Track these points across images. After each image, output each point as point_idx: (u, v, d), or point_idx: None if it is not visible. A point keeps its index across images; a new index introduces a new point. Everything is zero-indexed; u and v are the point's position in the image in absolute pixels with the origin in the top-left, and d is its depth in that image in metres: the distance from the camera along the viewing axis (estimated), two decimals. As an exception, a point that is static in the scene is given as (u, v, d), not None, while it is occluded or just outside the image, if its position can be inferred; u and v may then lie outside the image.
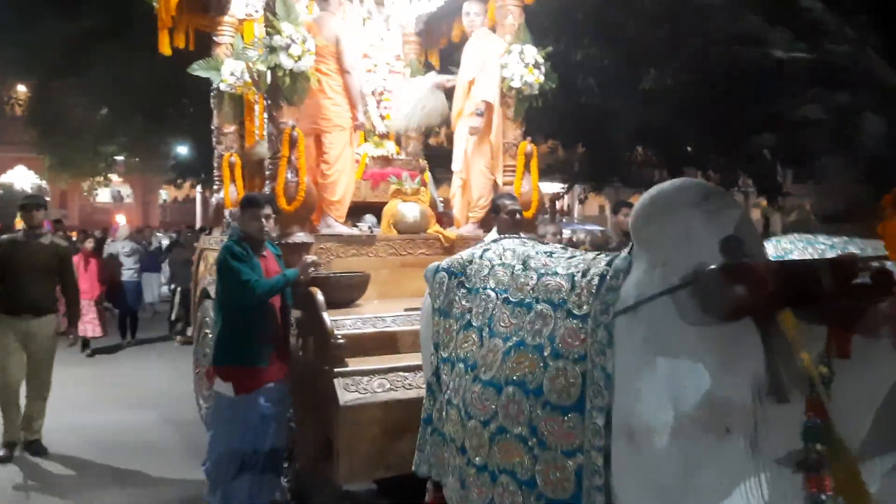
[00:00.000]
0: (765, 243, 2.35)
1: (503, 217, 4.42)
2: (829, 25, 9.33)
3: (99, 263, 10.39)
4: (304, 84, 5.01)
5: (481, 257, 3.02)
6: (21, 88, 23.04)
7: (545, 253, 2.77)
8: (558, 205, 27.68)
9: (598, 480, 2.26)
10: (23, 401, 5.76)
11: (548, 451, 2.33)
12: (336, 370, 3.87)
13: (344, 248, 5.24)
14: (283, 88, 4.95)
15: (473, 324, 2.84)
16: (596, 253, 2.62)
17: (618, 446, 2.20)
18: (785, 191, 16.28)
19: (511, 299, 2.69)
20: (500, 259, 2.90)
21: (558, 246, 2.97)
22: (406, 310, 4.58)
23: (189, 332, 11.08)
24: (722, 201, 2.07)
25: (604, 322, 2.23)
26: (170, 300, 11.79)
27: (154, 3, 6.79)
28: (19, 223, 6.24)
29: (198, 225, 21.04)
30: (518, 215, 4.53)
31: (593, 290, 2.33)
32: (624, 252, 2.36)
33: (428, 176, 6.84)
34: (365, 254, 5.30)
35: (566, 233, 14.93)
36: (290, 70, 4.91)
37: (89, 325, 9.93)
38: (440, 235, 5.51)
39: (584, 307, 2.34)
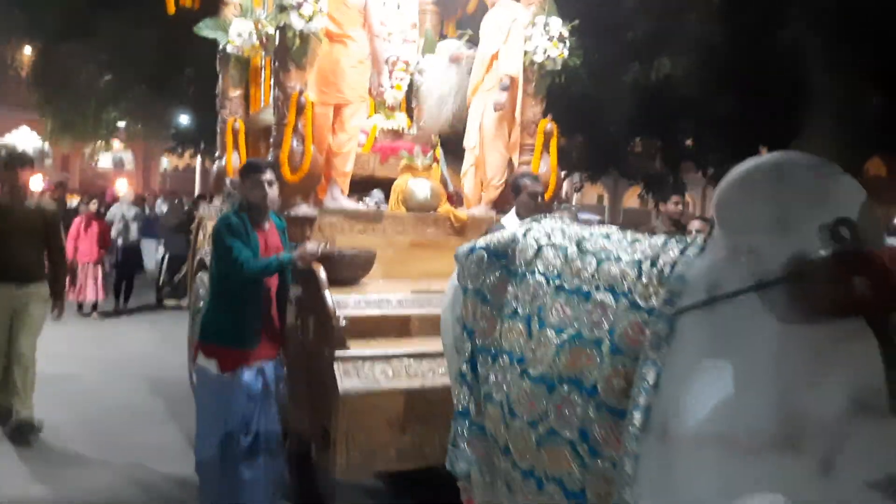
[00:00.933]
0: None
1: (524, 198, 4.12)
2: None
3: (101, 225, 10.19)
4: (314, 46, 4.70)
5: (525, 237, 2.70)
6: (26, 51, 22.80)
7: (602, 235, 2.47)
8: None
9: (629, 495, 1.99)
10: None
11: (599, 461, 2.07)
12: (336, 354, 3.60)
13: (350, 223, 4.95)
14: (292, 50, 4.64)
15: (520, 312, 2.54)
16: (665, 237, 2.31)
17: (647, 447, 1.94)
18: None
19: (565, 286, 2.39)
20: (549, 239, 2.60)
21: (613, 228, 2.65)
22: (413, 292, 4.30)
23: (174, 300, 11.06)
24: (832, 179, 1.77)
25: (666, 313, 1.95)
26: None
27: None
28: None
29: (196, 192, 21.16)
30: (540, 198, 4.23)
31: (662, 280, 2.06)
32: (698, 238, 2.07)
33: (440, 152, 6.54)
34: (371, 231, 5.02)
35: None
36: (300, 31, 4.59)
37: (91, 288, 9.89)
38: (451, 215, 5.22)
39: (652, 299, 2.06)
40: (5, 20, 17.30)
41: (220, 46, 6.32)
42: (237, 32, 6.13)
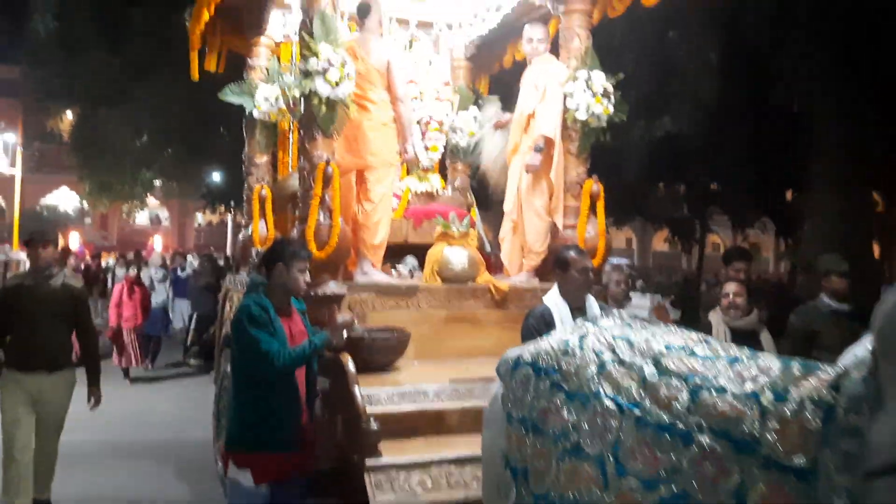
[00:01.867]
0: None
1: (573, 275, 3.68)
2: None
3: (143, 292, 10.04)
4: (341, 113, 4.41)
5: (581, 346, 2.22)
6: (68, 116, 23.65)
7: (682, 349, 1.98)
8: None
9: None
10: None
11: None
12: (368, 463, 3.19)
13: (381, 299, 4.58)
14: (318, 118, 4.35)
15: (586, 449, 2.04)
16: (780, 360, 1.78)
17: None
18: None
19: (648, 419, 1.89)
20: (613, 352, 2.12)
21: (694, 335, 2.13)
22: (452, 381, 3.89)
23: (201, 360, 10.83)
24: None
25: (845, 486, 1.45)
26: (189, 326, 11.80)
27: (187, 24, 6.33)
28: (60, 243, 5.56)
29: (228, 249, 21.62)
30: (591, 273, 3.80)
31: (811, 429, 1.55)
32: (857, 370, 1.55)
33: (476, 213, 6.20)
34: (405, 306, 4.64)
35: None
36: (327, 97, 4.31)
37: (130, 354, 9.77)
38: (491, 286, 4.82)
39: (800, 457, 1.54)
40: (49, 88, 18.17)
41: (247, 112, 6.10)
42: (263, 97, 5.93)
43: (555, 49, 5.24)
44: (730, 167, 13.01)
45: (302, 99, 4.47)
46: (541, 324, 3.62)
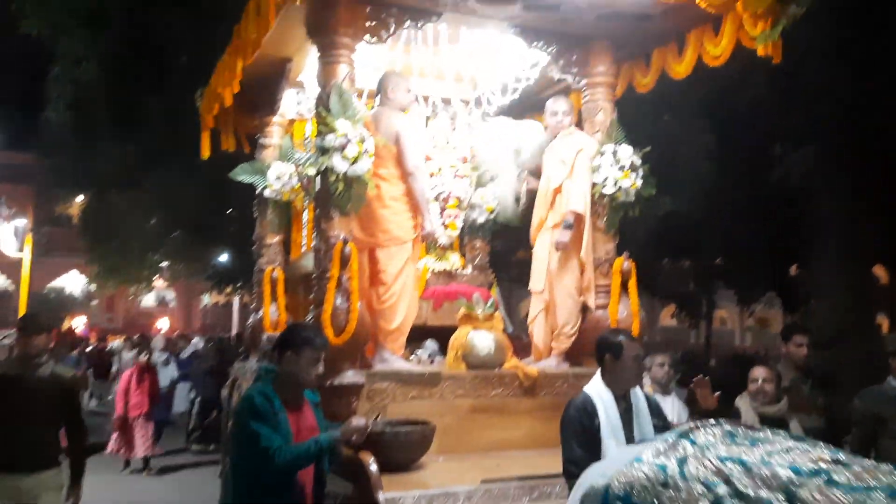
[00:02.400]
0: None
1: (625, 363, 3.31)
2: None
3: (152, 378, 9.62)
4: (360, 191, 4.19)
5: (683, 475, 1.85)
6: (78, 199, 24.05)
7: (815, 473, 1.63)
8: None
9: None
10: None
11: None
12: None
13: (403, 389, 4.24)
14: (335, 195, 4.13)
15: None
16: None
17: None
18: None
19: None
20: (728, 482, 1.74)
21: (823, 451, 1.76)
22: (484, 482, 3.51)
23: (203, 445, 10.35)
24: None
25: None
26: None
27: (198, 104, 6.23)
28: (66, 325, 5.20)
29: (233, 330, 21.90)
30: (642, 360, 3.45)
31: None
32: None
33: (496, 292, 5.90)
34: (428, 396, 4.29)
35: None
36: (344, 174, 4.10)
37: (141, 443, 9.19)
38: (520, 372, 4.48)
39: None
40: (60, 175, 18.43)
41: (258, 191, 5.91)
42: (276, 176, 5.75)
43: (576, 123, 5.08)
44: (734, 243, 12.96)
45: (318, 176, 4.26)
46: (583, 415, 3.28)
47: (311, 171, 5.36)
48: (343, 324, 3.96)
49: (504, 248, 6.22)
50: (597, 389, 3.37)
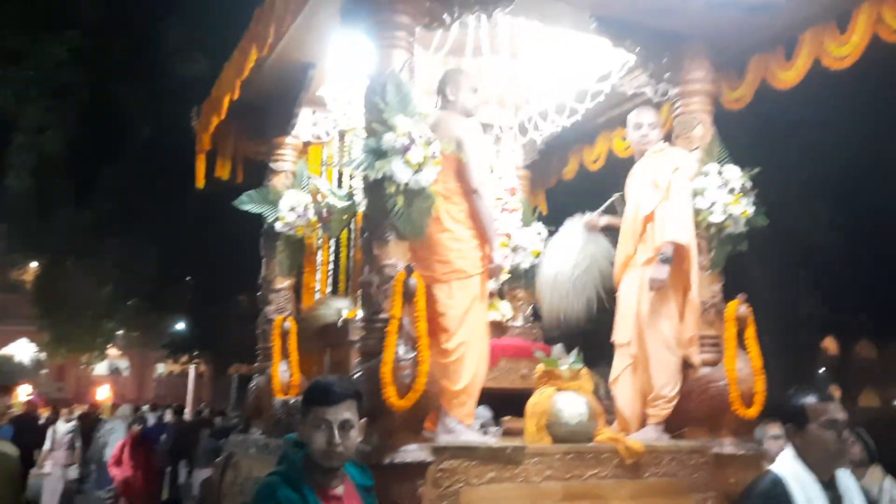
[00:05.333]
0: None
1: (817, 433, 2.34)
2: None
3: (146, 452, 8.32)
4: (424, 207, 3.24)
5: None
6: (32, 266, 23.41)
7: None
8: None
9: None
10: None
11: None
12: None
13: (477, 468, 3.19)
14: (393, 212, 3.17)
15: None
16: None
17: None
18: None
19: None
20: None
21: None
22: None
23: None
24: None
25: None
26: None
27: (193, 125, 5.28)
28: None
29: (188, 399, 21.42)
30: (845, 428, 2.48)
31: None
32: None
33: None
34: (509, 477, 3.25)
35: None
36: (405, 184, 3.15)
37: None
38: (620, 446, 3.47)
39: None
40: (16, 242, 18.24)
41: (266, 225, 4.92)
42: (289, 206, 4.76)
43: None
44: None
45: (368, 190, 3.32)
46: None
47: (334, 200, 4.49)
48: (409, 381, 2.94)
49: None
50: (791, 472, 2.38)
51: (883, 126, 8.52)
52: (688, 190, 3.88)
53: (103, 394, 22.43)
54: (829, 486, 2.37)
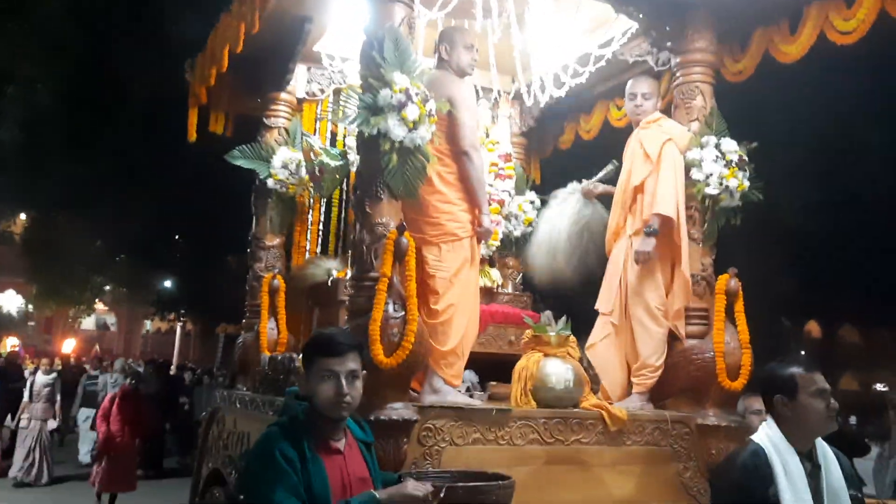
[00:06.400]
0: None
1: (807, 403, 2.33)
2: None
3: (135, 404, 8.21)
4: (418, 166, 3.20)
5: None
6: (22, 217, 23.27)
7: None
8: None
9: None
10: None
11: None
12: None
13: (462, 429, 3.21)
14: (387, 170, 3.13)
15: None
16: None
17: None
18: None
19: None
20: None
21: None
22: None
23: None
24: None
25: None
26: None
27: (186, 77, 5.19)
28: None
29: (174, 357, 22.18)
30: (831, 396, 2.48)
31: None
32: None
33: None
34: (493, 439, 3.27)
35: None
36: (400, 142, 3.11)
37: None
38: (605, 414, 3.49)
39: None
40: (7, 193, 17.73)
41: (258, 181, 4.87)
42: (282, 163, 4.71)
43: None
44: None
45: (362, 146, 3.27)
46: (756, 480, 2.30)
47: (328, 159, 4.45)
48: (397, 339, 2.94)
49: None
50: (772, 443, 2.39)
51: (881, 108, 8.47)
52: (679, 162, 3.86)
53: (68, 347, 22.30)
54: (808, 456, 2.38)
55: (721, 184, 3.81)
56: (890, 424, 5.71)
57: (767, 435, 2.41)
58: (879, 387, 18.58)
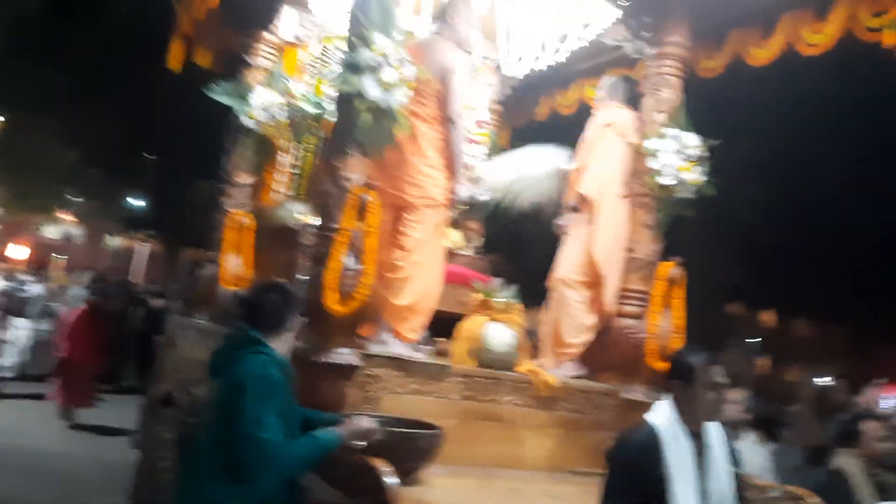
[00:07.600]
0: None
1: (700, 392, 2.56)
2: None
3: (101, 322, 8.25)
4: (388, 128, 3.34)
5: None
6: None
7: None
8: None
9: None
10: None
11: None
12: None
13: (402, 379, 3.42)
14: (358, 127, 3.27)
15: None
16: None
17: None
18: None
19: None
20: None
21: None
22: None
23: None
24: None
25: None
26: None
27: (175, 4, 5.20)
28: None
29: (133, 276, 21.44)
30: (723, 388, 2.71)
31: None
32: None
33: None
34: (430, 392, 3.49)
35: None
36: (374, 102, 3.24)
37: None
38: (537, 379, 3.72)
39: None
40: None
41: (236, 118, 4.94)
42: (260, 103, 4.78)
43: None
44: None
45: (338, 102, 3.40)
46: (645, 455, 2.53)
47: (306, 105, 4.54)
48: (351, 290, 3.12)
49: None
50: (666, 422, 2.63)
51: (840, 112, 8.77)
52: (615, 147, 4.09)
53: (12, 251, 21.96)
54: (697, 436, 2.62)
55: (676, 176, 4.00)
56: (798, 413, 6.10)
57: (662, 414, 2.65)
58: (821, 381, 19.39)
